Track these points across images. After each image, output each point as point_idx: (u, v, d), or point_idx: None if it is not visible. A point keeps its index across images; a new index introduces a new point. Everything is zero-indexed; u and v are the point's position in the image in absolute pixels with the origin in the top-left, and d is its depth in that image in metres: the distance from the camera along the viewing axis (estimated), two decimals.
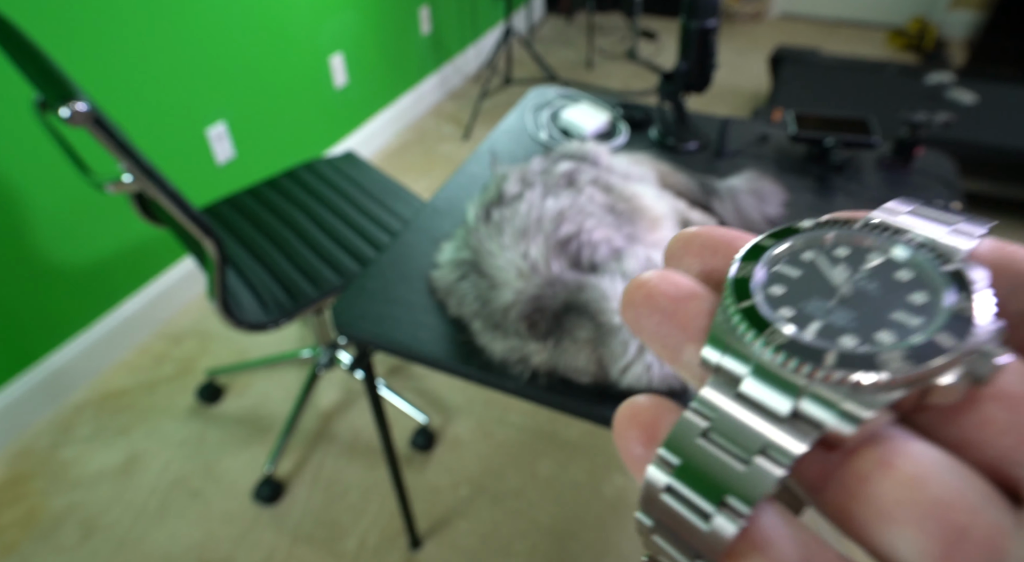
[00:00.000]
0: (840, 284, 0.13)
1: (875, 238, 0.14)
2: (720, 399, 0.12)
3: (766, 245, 0.14)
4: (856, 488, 0.11)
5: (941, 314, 0.12)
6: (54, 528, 1.26)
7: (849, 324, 0.12)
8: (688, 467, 0.12)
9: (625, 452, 0.13)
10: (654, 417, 0.13)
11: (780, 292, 0.14)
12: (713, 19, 1.05)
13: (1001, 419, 0.11)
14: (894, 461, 0.11)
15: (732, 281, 0.14)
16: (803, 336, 0.12)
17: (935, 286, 0.13)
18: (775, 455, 0.11)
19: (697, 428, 0.12)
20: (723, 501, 0.11)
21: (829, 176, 1.05)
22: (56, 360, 1.46)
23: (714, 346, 0.13)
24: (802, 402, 0.12)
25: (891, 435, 0.12)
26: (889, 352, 0.11)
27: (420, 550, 1.24)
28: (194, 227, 0.90)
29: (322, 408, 1.50)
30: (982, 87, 2.31)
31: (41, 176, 1.34)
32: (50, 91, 0.79)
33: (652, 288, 0.14)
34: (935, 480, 0.11)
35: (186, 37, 1.59)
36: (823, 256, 0.14)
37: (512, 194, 0.80)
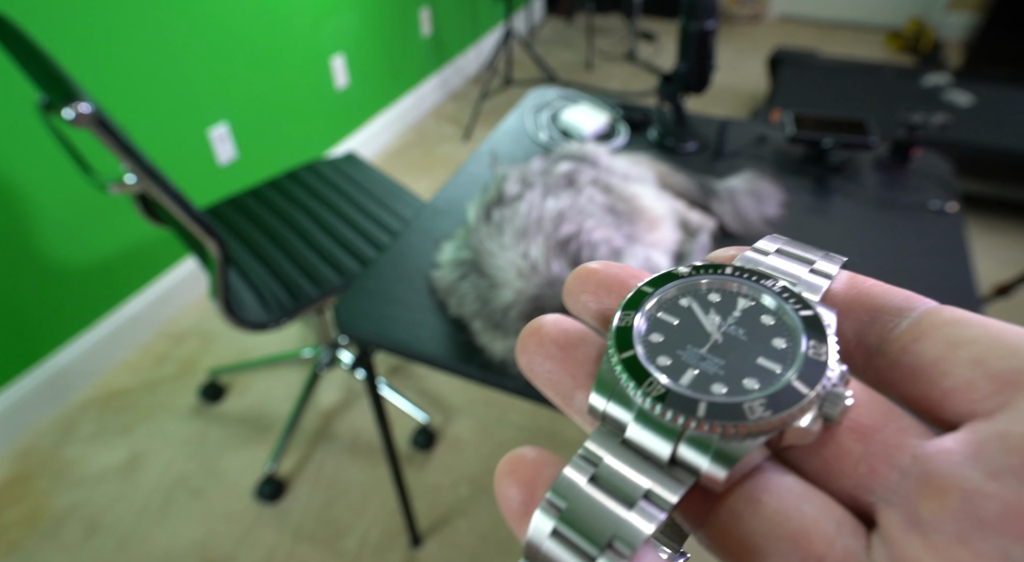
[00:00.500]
0: (712, 331, 0.14)
1: (743, 284, 0.15)
2: (604, 448, 0.13)
3: (646, 291, 0.15)
4: (730, 524, 0.12)
5: (798, 359, 0.13)
6: (57, 526, 1.27)
7: (719, 371, 0.13)
8: (574, 511, 0.13)
9: (504, 505, 0.14)
10: (534, 472, 0.14)
11: (658, 340, 0.14)
12: (712, 21, 1.06)
13: (856, 450, 0.12)
14: (760, 497, 0.12)
15: (615, 330, 0.14)
16: (678, 386, 0.13)
17: (793, 331, 0.14)
18: (656, 500, 0.12)
19: (586, 472, 0.13)
20: (609, 544, 0.12)
21: (827, 177, 1.06)
22: (59, 360, 1.47)
23: (600, 392, 0.14)
24: (680, 447, 0.13)
25: (760, 469, 0.13)
26: (752, 401, 0.13)
27: (421, 548, 1.24)
28: (196, 227, 0.91)
29: (323, 407, 1.51)
30: (979, 88, 2.32)
31: (44, 177, 1.35)
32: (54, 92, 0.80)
33: (544, 335, 0.15)
34: (795, 513, 0.12)
35: (188, 39, 1.60)
36: (698, 302, 0.15)
37: (512, 194, 0.81)
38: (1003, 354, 0.12)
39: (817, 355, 0.13)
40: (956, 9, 3.53)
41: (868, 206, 1.00)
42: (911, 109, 2.18)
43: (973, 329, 0.12)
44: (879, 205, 1.00)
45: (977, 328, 0.12)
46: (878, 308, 0.14)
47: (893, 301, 0.14)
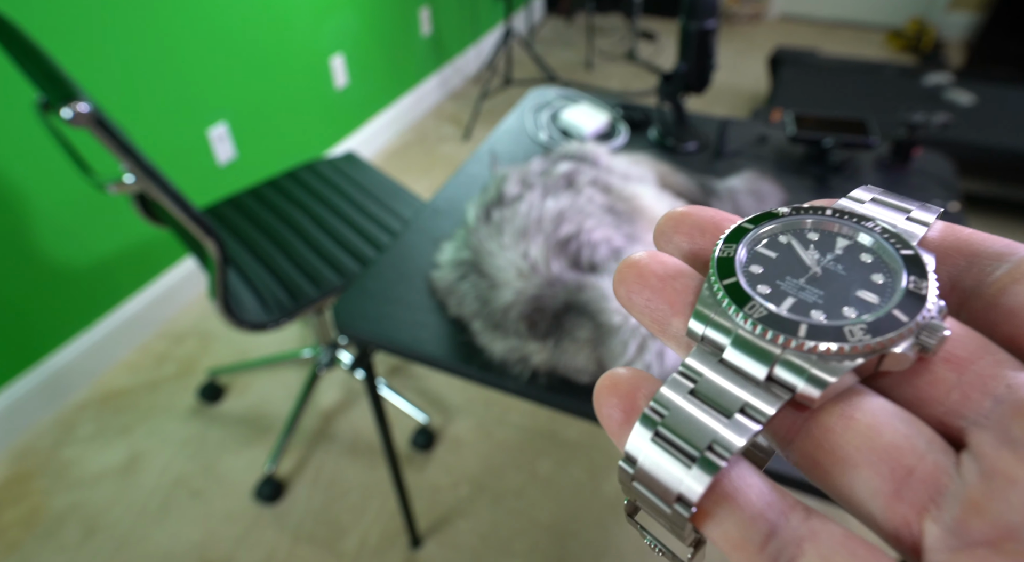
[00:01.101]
0: (811, 265, 0.15)
1: (843, 224, 0.16)
2: (704, 365, 0.14)
3: (747, 228, 0.16)
4: (821, 438, 0.13)
5: (898, 293, 0.14)
6: (56, 527, 1.26)
7: (818, 300, 0.14)
8: (677, 417, 0.13)
9: (606, 419, 0.14)
10: (632, 387, 0.14)
11: (759, 271, 0.15)
12: (712, 20, 1.05)
13: (950, 379, 0.13)
14: (854, 414, 0.13)
15: (717, 260, 0.15)
16: (779, 310, 0.14)
17: (893, 268, 0.14)
18: (752, 413, 0.13)
19: (684, 387, 0.14)
20: (710, 445, 0.13)
21: (828, 176, 1.06)
22: (58, 360, 1.47)
23: (699, 319, 0.14)
24: (776, 368, 0.13)
25: (853, 392, 0.13)
26: (852, 325, 0.13)
27: (420, 549, 1.24)
28: (195, 227, 0.91)
29: (323, 408, 1.51)
30: (980, 88, 2.32)
31: (43, 177, 1.35)
32: (52, 92, 0.80)
33: (643, 267, 0.16)
34: (888, 429, 0.12)
35: (187, 38, 1.59)
36: (797, 239, 0.16)
37: (512, 195, 0.80)
38: None
39: (918, 288, 0.14)
40: (957, 8, 3.53)
41: None
42: (912, 109, 2.17)
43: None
44: None
45: None
46: (976, 254, 0.14)
47: (993, 247, 0.14)
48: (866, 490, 0.12)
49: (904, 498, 0.12)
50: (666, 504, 0.13)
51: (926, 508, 0.12)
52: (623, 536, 1.26)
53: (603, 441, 1.43)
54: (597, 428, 1.46)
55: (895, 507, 0.12)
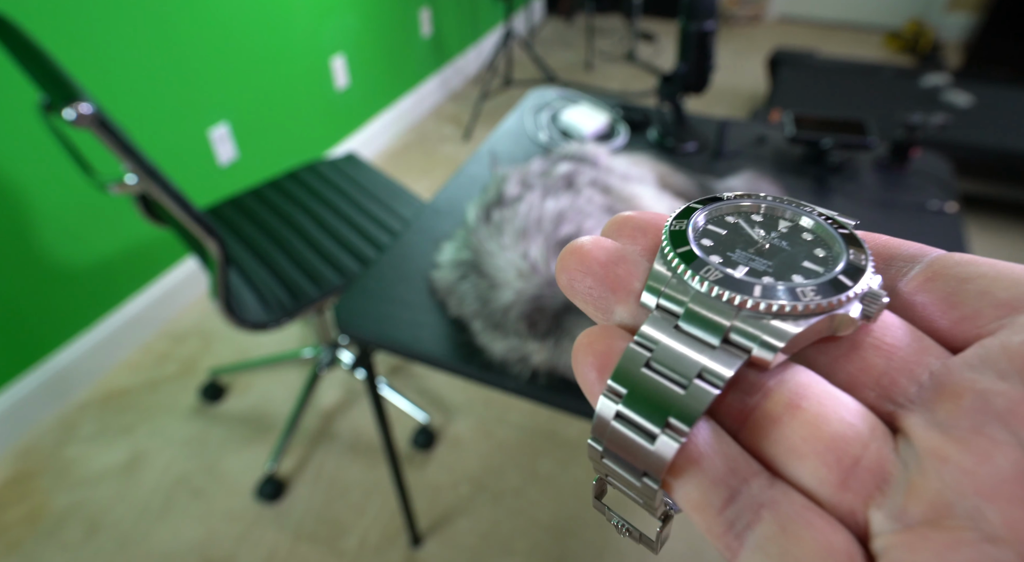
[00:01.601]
0: (759, 240, 0.16)
1: (784, 208, 0.17)
2: (660, 333, 0.14)
3: (696, 207, 0.17)
4: (769, 428, 0.13)
5: (841, 263, 0.15)
6: (58, 526, 1.27)
7: (768, 268, 0.15)
8: (634, 394, 0.14)
9: (581, 378, 0.15)
10: (607, 346, 0.15)
11: (709, 244, 0.16)
12: (711, 21, 1.06)
13: (879, 364, 0.14)
14: (800, 403, 0.13)
15: (669, 232, 0.16)
16: (734, 273, 0.14)
17: (833, 245, 0.15)
18: (710, 378, 0.13)
19: (641, 358, 0.14)
20: (667, 422, 0.13)
21: (826, 177, 1.07)
22: (60, 359, 1.47)
23: (651, 292, 0.15)
24: (731, 333, 0.14)
25: (798, 378, 0.14)
26: (804, 287, 0.14)
27: (421, 548, 1.25)
28: (197, 228, 0.91)
29: (323, 407, 1.51)
30: (978, 89, 2.33)
31: (45, 177, 1.35)
32: (54, 93, 0.80)
33: (585, 253, 0.16)
34: (834, 418, 0.13)
35: (188, 39, 1.60)
36: (743, 219, 0.17)
37: (512, 195, 0.81)
38: (1007, 285, 0.13)
39: (858, 260, 0.15)
40: (955, 9, 3.54)
41: (867, 206, 1.00)
42: (910, 109, 2.18)
43: (981, 267, 0.14)
44: (878, 205, 1.00)
45: (984, 266, 0.14)
46: (893, 256, 0.15)
47: (908, 250, 0.15)
48: (814, 479, 0.13)
49: (850, 488, 0.12)
50: (635, 477, 0.14)
51: (871, 496, 0.12)
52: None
53: None
54: None
55: (842, 496, 0.12)
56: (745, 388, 0.14)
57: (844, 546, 0.12)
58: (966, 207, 2.20)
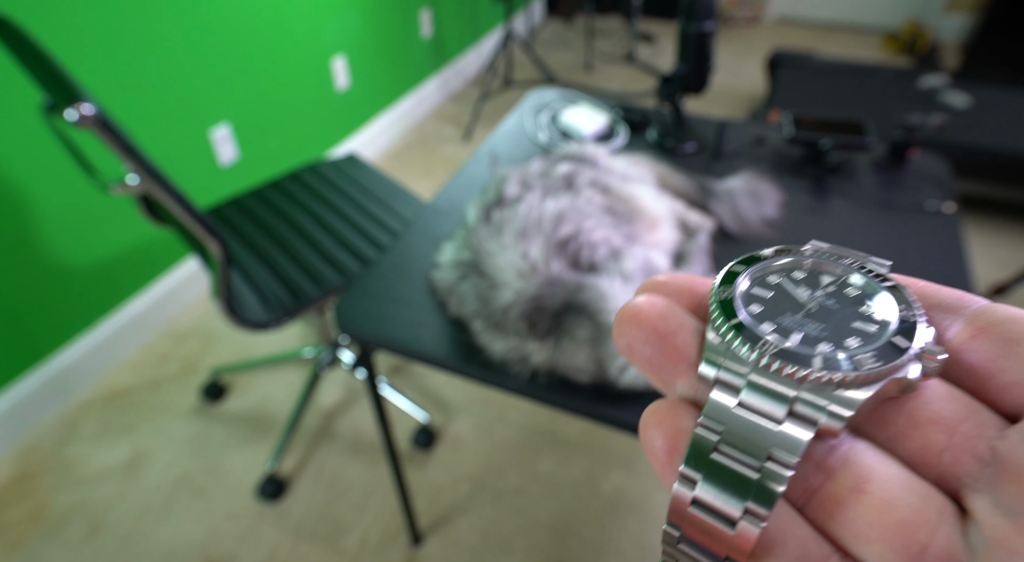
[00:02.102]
0: (806, 301, 0.15)
1: (824, 262, 0.16)
2: (725, 412, 0.14)
3: (738, 271, 0.16)
4: (833, 510, 0.13)
5: (894, 322, 0.14)
6: (61, 525, 1.27)
7: (821, 334, 0.14)
8: (710, 479, 0.14)
9: (653, 458, 0.15)
10: (675, 427, 0.15)
11: (758, 310, 0.15)
12: (711, 22, 1.06)
13: (940, 441, 0.13)
14: (865, 487, 0.13)
15: (718, 303, 0.15)
16: (790, 345, 0.14)
17: (880, 299, 0.15)
18: (781, 457, 0.13)
19: (711, 442, 0.14)
20: (746, 508, 0.13)
21: (825, 177, 1.07)
22: (62, 359, 1.48)
23: (710, 364, 0.14)
24: (795, 406, 0.13)
25: (862, 459, 0.13)
26: (860, 354, 0.14)
27: (421, 547, 1.25)
28: (198, 228, 0.92)
29: (324, 407, 1.52)
30: (975, 90, 2.33)
31: (47, 178, 1.36)
32: (57, 94, 0.81)
33: (643, 320, 0.16)
34: (901, 503, 0.13)
35: (190, 40, 1.61)
36: (786, 278, 0.16)
37: (512, 195, 0.81)
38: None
39: (909, 316, 0.14)
40: (953, 11, 3.55)
41: (866, 207, 1.01)
42: (908, 110, 2.19)
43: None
44: (876, 206, 1.01)
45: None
46: (931, 307, 0.15)
47: (946, 300, 0.15)
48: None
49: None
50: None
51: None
52: (622, 534, 1.27)
53: (602, 440, 1.44)
54: (596, 427, 1.47)
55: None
56: (809, 467, 0.14)
57: None
58: (964, 207, 2.20)
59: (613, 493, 1.34)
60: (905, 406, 0.14)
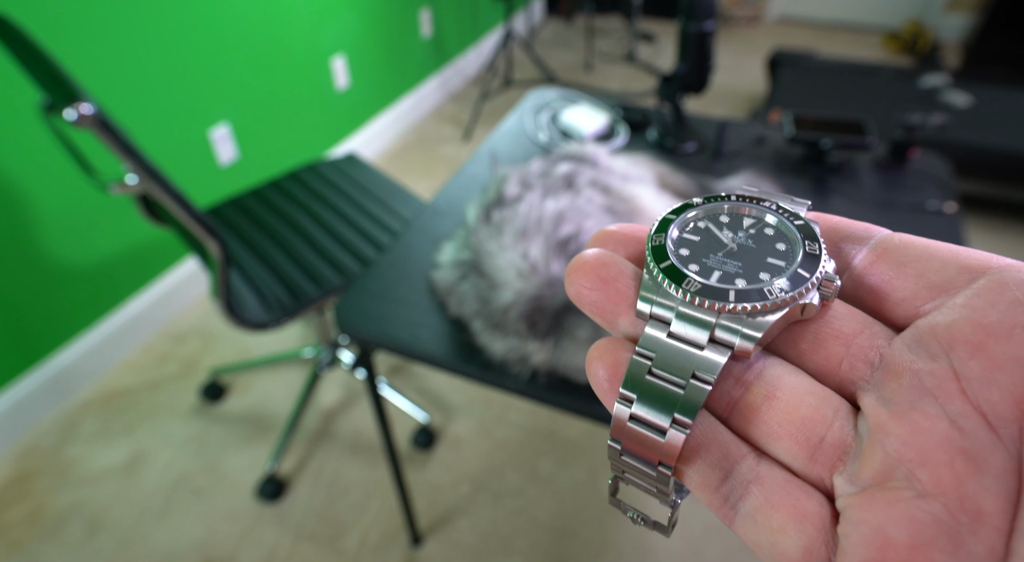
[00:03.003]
0: (728, 242, 0.18)
1: (746, 206, 0.19)
2: (656, 341, 0.16)
3: (671, 218, 0.19)
4: (750, 416, 0.16)
5: (799, 256, 0.17)
6: (60, 525, 1.27)
7: (739, 270, 0.17)
8: (643, 398, 0.16)
9: (596, 387, 0.17)
10: (614, 358, 0.17)
11: (686, 253, 0.18)
12: (711, 22, 1.06)
13: (840, 352, 0.16)
14: (775, 394, 0.16)
15: (651, 248, 0.18)
16: (710, 282, 0.17)
17: (791, 236, 0.18)
18: (703, 376, 0.16)
19: (644, 366, 0.16)
20: (673, 418, 0.16)
21: (826, 177, 1.07)
22: (61, 359, 1.48)
23: (644, 301, 0.17)
24: (716, 332, 0.16)
25: (773, 371, 0.16)
26: (770, 285, 0.16)
27: (421, 547, 1.25)
28: (198, 228, 0.92)
29: (324, 407, 1.52)
30: (976, 89, 2.33)
31: (46, 177, 1.36)
32: (55, 93, 0.81)
33: (589, 269, 0.18)
34: (803, 405, 0.15)
35: (189, 40, 1.60)
36: (712, 222, 0.19)
37: (512, 195, 0.81)
38: (937, 267, 0.15)
39: (813, 250, 0.17)
40: (954, 10, 3.54)
41: (866, 206, 1.00)
42: (909, 110, 2.18)
43: (918, 249, 0.16)
44: (877, 205, 1.01)
45: (920, 248, 0.16)
46: (844, 238, 0.17)
47: (856, 231, 0.17)
48: (788, 455, 0.15)
49: (817, 460, 0.15)
50: (651, 468, 0.16)
51: (835, 466, 0.15)
52: (622, 534, 1.27)
53: (602, 440, 1.44)
54: (597, 427, 1.47)
55: (811, 467, 0.15)
56: (731, 383, 0.16)
57: (815, 509, 0.15)
58: (965, 207, 2.20)
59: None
60: (811, 326, 0.16)
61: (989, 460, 0.13)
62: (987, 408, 0.13)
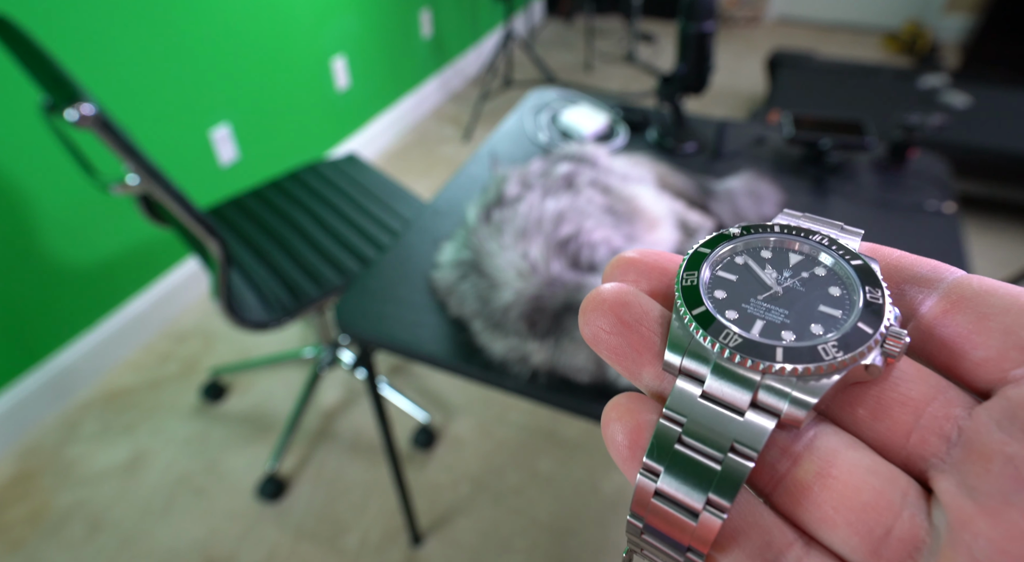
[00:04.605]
0: (771, 284, 0.15)
1: (792, 240, 0.16)
2: (688, 403, 0.14)
3: (704, 253, 0.16)
4: (800, 496, 0.13)
5: (858, 306, 0.14)
6: (61, 524, 1.27)
7: (785, 320, 0.14)
8: (672, 472, 0.14)
9: (614, 453, 0.15)
10: (636, 421, 0.15)
11: (723, 296, 0.15)
12: (710, 22, 1.06)
13: (908, 422, 0.13)
14: (830, 472, 0.13)
15: (682, 289, 0.15)
16: (752, 335, 0.14)
17: (846, 279, 0.15)
18: (743, 449, 0.13)
19: (674, 434, 0.14)
20: (708, 499, 0.13)
21: (825, 178, 1.07)
22: (62, 359, 1.48)
23: (674, 351, 0.14)
24: (759, 394, 0.13)
25: (826, 442, 0.14)
26: (824, 343, 0.13)
27: (421, 547, 1.25)
28: (198, 228, 0.92)
29: (324, 407, 1.52)
30: (975, 90, 2.33)
31: (47, 178, 1.36)
32: (57, 94, 0.81)
33: (607, 309, 0.15)
34: (865, 487, 0.13)
35: (190, 40, 1.61)
36: (752, 259, 0.16)
37: (512, 195, 0.81)
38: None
39: (875, 299, 0.14)
40: (953, 11, 3.55)
41: (866, 207, 1.01)
42: (908, 110, 2.19)
43: (1003, 299, 0.13)
44: (876, 206, 1.01)
45: (1007, 298, 0.13)
46: (907, 279, 0.15)
47: (921, 271, 0.15)
48: (846, 547, 0.13)
49: (882, 556, 0.12)
50: (679, 553, 0.14)
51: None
52: (622, 534, 1.27)
53: (602, 440, 1.44)
54: (596, 427, 1.47)
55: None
56: (775, 454, 0.14)
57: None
58: (964, 207, 2.20)
59: (613, 493, 1.34)
60: (872, 389, 0.14)
61: None
62: None
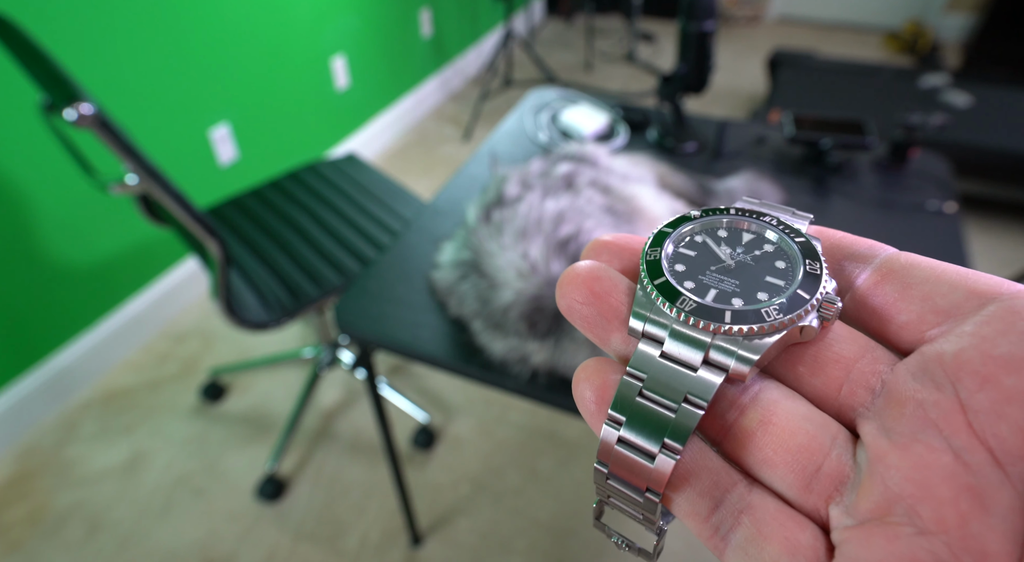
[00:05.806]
0: (725, 258, 0.17)
1: (746, 221, 0.18)
2: (648, 362, 0.16)
3: (667, 232, 0.18)
4: (745, 441, 0.15)
5: (799, 275, 0.16)
6: (60, 525, 1.27)
7: (736, 289, 0.16)
8: (633, 421, 0.15)
9: (583, 409, 0.17)
10: (603, 379, 0.16)
11: (682, 268, 0.17)
12: (711, 22, 1.06)
13: (839, 377, 0.15)
14: (771, 419, 0.15)
15: (645, 263, 0.17)
16: (705, 301, 0.16)
17: (791, 254, 0.17)
18: (695, 400, 0.15)
19: (635, 388, 0.16)
20: (663, 443, 0.15)
21: (826, 177, 1.07)
22: (61, 359, 1.48)
23: (637, 318, 0.16)
24: (710, 353, 0.15)
25: (769, 395, 0.15)
26: (767, 307, 0.15)
27: (421, 547, 1.25)
28: (198, 228, 0.92)
29: (324, 407, 1.52)
30: (977, 89, 2.33)
31: (46, 177, 1.36)
32: (55, 93, 0.80)
33: (581, 282, 0.17)
34: (800, 432, 0.15)
35: (190, 39, 1.60)
36: (710, 237, 0.18)
37: (512, 195, 0.81)
38: (945, 291, 0.15)
39: (813, 270, 0.16)
40: (954, 10, 3.54)
41: (866, 207, 1.00)
42: (909, 110, 2.18)
43: (924, 271, 0.15)
44: (877, 206, 1.01)
45: (927, 270, 0.15)
46: (847, 256, 0.17)
47: (859, 249, 0.17)
48: (783, 484, 0.15)
49: (813, 490, 0.14)
50: (639, 494, 0.16)
51: (831, 496, 0.14)
52: None
53: None
54: None
55: (806, 497, 0.14)
56: (724, 406, 0.16)
57: (809, 542, 0.14)
58: (965, 207, 2.20)
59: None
60: (810, 348, 0.16)
61: (995, 498, 0.12)
62: (994, 443, 0.12)
